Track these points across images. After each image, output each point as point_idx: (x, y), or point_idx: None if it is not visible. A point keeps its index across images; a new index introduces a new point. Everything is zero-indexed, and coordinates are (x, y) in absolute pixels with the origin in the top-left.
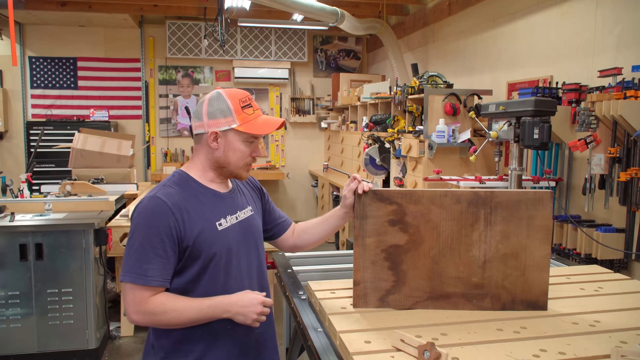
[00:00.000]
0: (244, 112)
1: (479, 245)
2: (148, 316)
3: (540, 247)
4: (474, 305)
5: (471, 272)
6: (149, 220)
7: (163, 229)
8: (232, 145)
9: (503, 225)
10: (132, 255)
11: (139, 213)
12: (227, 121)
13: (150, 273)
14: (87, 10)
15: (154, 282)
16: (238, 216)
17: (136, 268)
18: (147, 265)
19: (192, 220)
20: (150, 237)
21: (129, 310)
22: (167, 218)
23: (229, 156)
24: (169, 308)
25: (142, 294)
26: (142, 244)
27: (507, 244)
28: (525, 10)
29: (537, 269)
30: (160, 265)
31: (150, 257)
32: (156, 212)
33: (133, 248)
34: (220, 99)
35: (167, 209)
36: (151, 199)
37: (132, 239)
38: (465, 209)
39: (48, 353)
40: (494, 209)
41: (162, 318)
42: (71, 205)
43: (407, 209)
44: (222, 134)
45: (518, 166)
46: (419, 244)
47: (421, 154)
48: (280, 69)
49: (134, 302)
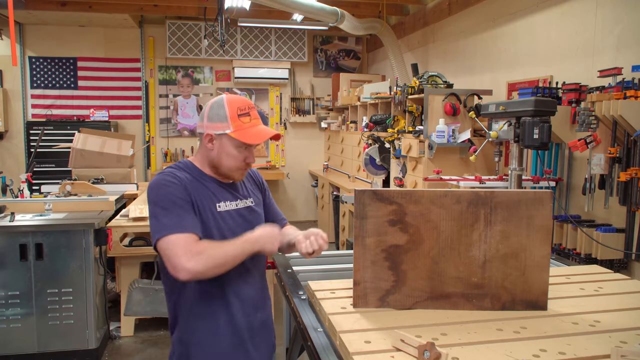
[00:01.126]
0: (239, 120)
1: (479, 245)
2: (201, 257)
3: (540, 247)
4: (474, 305)
5: (471, 272)
6: (166, 188)
7: (180, 194)
8: (225, 149)
9: (503, 225)
10: (162, 219)
11: (153, 187)
12: (222, 126)
13: (186, 224)
14: (87, 10)
15: (193, 230)
16: (237, 204)
17: (173, 223)
18: (182, 221)
19: (196, 195)
20: (173, 200)
21: (181, 260)
22: (180, 187)
23: (221, 159)
24: (212, 246)
25: (190, 239)
26: (171, 206)
27: (507, 244)
28: (525, 10)
29: (537, 269)
30: (191, 218)
31: (181, 214)
32: (170, 182)
33: (162, 211)
34: (221, 105)
35: (177, 178)
36: (161, 175)
37: (155, 208)
38: (465, 209)
39: (48, 353)
40: (493, 209)
41: (209, 255)
42: (71, 205)
43: (407, 209)
44: (217, 137)
45: (518, 166)
46: (419, 244)
47: (421, 154)
48: (280, 69)
49: (185, 249)
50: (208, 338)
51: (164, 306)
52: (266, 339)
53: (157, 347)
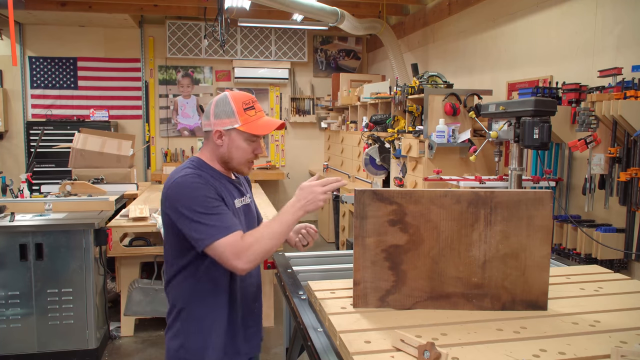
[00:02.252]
0: (246, 113)
1: (479, 245)
2: (248, 252)
3: (540, 247)
4: (474, 305)
5: (471, 272)
6: (197, 191)
7: (212, 194)
8: (234, 143)
9: (503, 225)
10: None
11: (183, 191)
12: (230, 121)
13: (227, 224)
14: (87, 10)
15: (235, 228)
16: (243, 200)
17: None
18: (221, 222)
19: (221, 194)
20: (207, 202)
21: (234, 261)
22: (209, 187)
23: (232, 153)
24: (257, 236)
25: (236, 238)
26: (206, 211)
27: (507, 244)
28: (525, 10)
29: (537, 269)
30: (229, 216)
31: (218, 215)
32: (199, 184)
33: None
34: (226, 101)
35: (201, 177)
36: (185, 177)
37: (192, 213)
38: (465, 209)
39: (48, 353)
40: (493, 209)
41: (258, 246)
42: (71, 205)
43: (407, 209)
44: (225, 132)
45: (518, 166)
46: (419, 244)
47: (421, 154)
48: (280, 69)
49: (233, 250)
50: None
51: (164, 306)
52: (258, 331)
53: (157, 347)
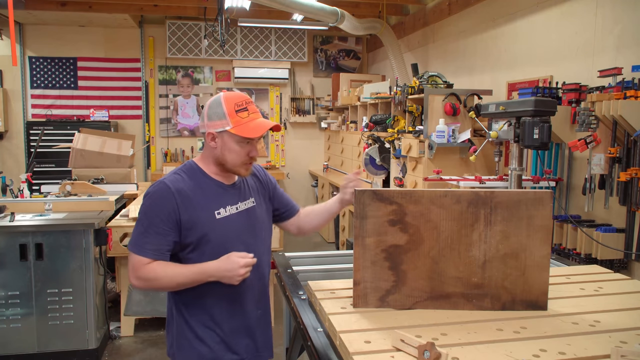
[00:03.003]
0: (237, 115)
1: (479, 245)
2: (143, 281)
3: (540, 247)
4: (474, 305)
5: (471, 272)
6: (152, 202)
7: (163, 211)
8: (227, 146)
9: (503, 225)
10: (137, 230)
11: (147, 196)
12: (221, 124)
13: (147, 246)
14: (87, 10)
15: (148, 254)
16: (238, 207)
17: (137, 241)
18: (144, 239)
19: (192, 206)
20: (152, 217)
21: (129, 275)
22: (169, 202)
23: (225, 155)
24: (160, 274)
25: (139, 262)
26: (146, 223)
27: (507, 244)
28: (525, 10)
29: (537, 269)
30: (156, 240)
31: (149, 234)
32: (159, 196)
33: (139, 224)
34: (219, 102)
35: (171, 193)
36: (159, 184)
37: (139, 216)
38: (465, 209)
39: (48, 353)
40: (493, 209)
41: (154, 283)
42: (71, 205)
43: (407, 209)
44: (218, 134)
45: (518, 166)
46: (419, 244)
47: (421, 154)
48: (280, 69)
49: (132, 269)
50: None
51: (164, 306)
52: (267, 329)
53: (157, 347)
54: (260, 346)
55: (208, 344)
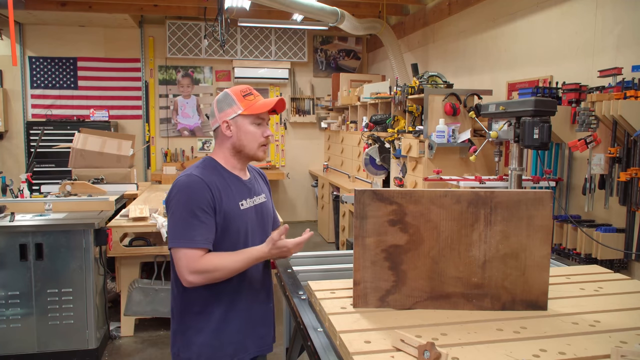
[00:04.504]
0: (245, 99)
1: (479, 245)
2: (201, 275)
3: (540, 247)
4: (474, 305)
5: (471, 272)
6: (190, 193)
7: (203, 201)
8: (243, 129)
9: (503, 225)
10: (179, 225)
11: (179, 189)
12: (233, 110)
13: (197, 238)
14: (87, 10)
15: (201, 244)
16: (254, 200)
17: (184, 235)
18: (192, 232)
19: (222, 197)
20: (193, 208)
21: (183, 272)
22: (205, 191)
23: (242, 139)
24: (218, 265)
25: (194, 254)
26: (187, 214)
27: (507, 244)
28: (525, 10)
29: (537, 269)
30: (204, 230)
31: (195, 225)
32: (195, 187)
33: (179, 219)
34: (226, 94)
35: (204, 184)
36: (189, 177)
37: (176, 211)
38: (465, 209)
39: (48, 353)
40: (493, 209)
41: (213, 275)
42: (71, 205)
43: (407, 209)
44: (232, 121)
45: (518, 166)
46: (418, 244)
47: (421, 154)
48: (280, 69)
49: (188, 264)
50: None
51: (164, 306)
52: (270, 329)
53: (157, 347)
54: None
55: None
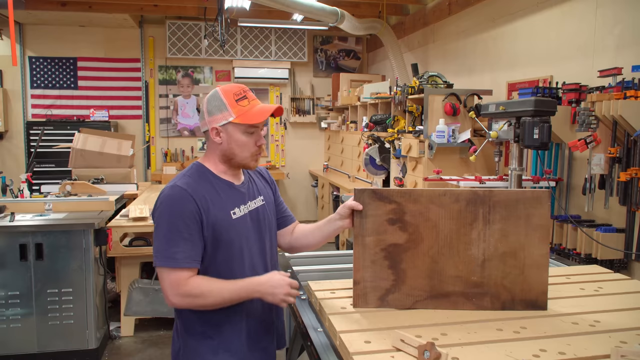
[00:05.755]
0: (238, 105)
1: (477, 243)
2: (186, 298)
3: (539, 246)
4: (473, 304)
5: (470, 271)
6: (172, 206)
7: (187, 214)
8: (233, 138)
9: (501, 224)
10: (161, 240)
11: (161, 202)
12: (223, 116)
13: (178, 256)
14: (87, 10)
15: (184, 264)
16: (249, 206)
17: (165, 252)
18: (174, 248)
19: (210, 207)
20: (175, 222)
21: (167, 293)
22: (189, 204)
23: (233, 148)
24: (205, 290)
25: (178, 276)
26: (169, 230)
27: (506, 242)
28: (525, 10)
29: (536, 268)
30: (187, 247)
31: (177, 241)
32: (178, 199)
33: (161, 234)
34: (216, 96)
35: (188, 195)
36: (172, 188)
37: (158, 226)
38: (464, 208)
39: (48, 353)
40: (492, 208)
41: (199, 300)
42: (71, 205)
43: (406, 207)
44: (222, 128)
45: (518, 166)
46: (418, 243)
47: (421, 154)
48: (280, 69)
49: (171, 285)
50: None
51: (164, 306)
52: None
53: (157, 347)
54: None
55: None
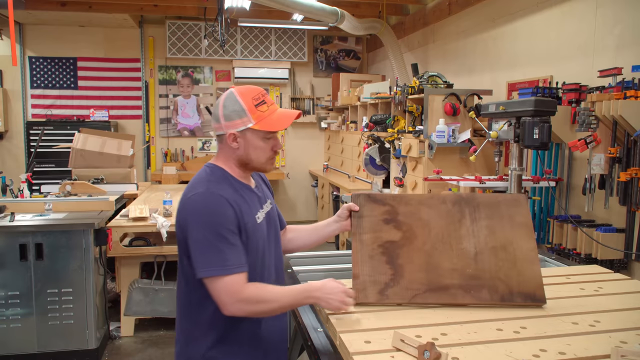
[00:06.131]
0: (258, 110)
1: (468, 238)
2: (246, 305)
3: (527, 240)
4: (472, 296)
5: (465, 264)
6: (213, 214)
7: (230, 220)
8: (251, 144)
9: (487, 221)
10: (208, 249)
11: (197, 210)
12: (242, 122)
13: (230, 263)
14: (87, 10)
15: (237, 270)
16: (264, 210)
17: (216, 261)
18: (224, 256)
19: (243, 212)
20: (219, 230)
21: (225, 302)
22: (228, 209)
23: (250, 154)
24: (265, 297)
25: (234, 283)
26: (215, 238)
27: (494, 237)
28: (525, 10)
29: (528, 262)
30: (236, 253)
31: (224, 248)
32: (218, 205)
33: (206, 243)
34: (234, 100)
35: (225, 201)
36: (208, 195)
37: (199, 235)
38: (451, 208)
39: (48, 353)
40: (476, 208)
41: (260, 306)
42: (71, 205)
43: (398, 209)
44: (240, 134)
45: (518, 166)
46: (412, 240)
47: (421, 154)
48: (280, 69)
49: (229, 293)
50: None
51: (164, 306)
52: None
53: (157, 347)
54: None
55: None
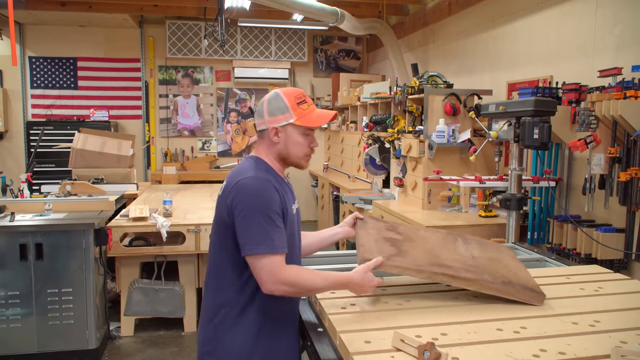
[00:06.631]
0: (299, 107)
1: (464, 250)
2: (287, 286)
3: (514, 260)
4: (474, 274)
5: (465, 260)
6: (262, 197)
7: (277, 204)
8: (291, 138)
9: (478, 245)
10: (256, 229)
11: (249, 193)
12: (285, 117)
13: (276, 243)
14: (87, 10)
15: (281, 250)
16: (295, 204)
17: (263, 240)
18: (272, 235)
19: (285, 200)
20: (268, 212)
21: (265, 279)
22: (275, 194)
23: (289, 148)
24: (304, 278)
25: (277, 262)
26: (263, 219)
27: (487, 253)
28: (525, 10)
29: (520, 270)
30: (281, 235)
31: (271, 229)
32: (266, 189)
33: (255, 223)
34: (278, 98)
35: (272, 187)
36: (256, 179)
37: (250, 216)
38: (444, 235)
39: (48, 353)
40: (467, 239)
41: (297, 288)
42: (71, 205)
43: (398, 227)
44: (281, 129)
45: (518, 166)
46: (413, 240)
47: (421, 154)
48: (280, 69)
49: (271, 272)
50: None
51: (164, 306)
52: None
53: (157, 347)
54: None
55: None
